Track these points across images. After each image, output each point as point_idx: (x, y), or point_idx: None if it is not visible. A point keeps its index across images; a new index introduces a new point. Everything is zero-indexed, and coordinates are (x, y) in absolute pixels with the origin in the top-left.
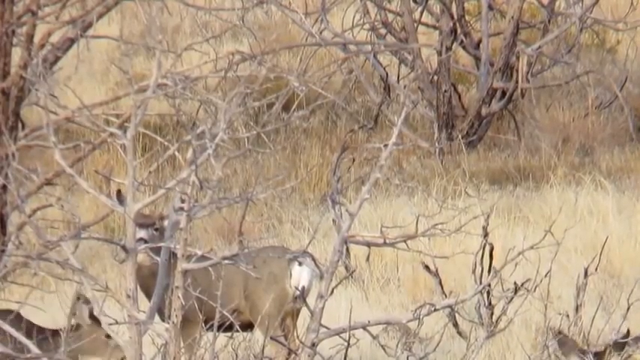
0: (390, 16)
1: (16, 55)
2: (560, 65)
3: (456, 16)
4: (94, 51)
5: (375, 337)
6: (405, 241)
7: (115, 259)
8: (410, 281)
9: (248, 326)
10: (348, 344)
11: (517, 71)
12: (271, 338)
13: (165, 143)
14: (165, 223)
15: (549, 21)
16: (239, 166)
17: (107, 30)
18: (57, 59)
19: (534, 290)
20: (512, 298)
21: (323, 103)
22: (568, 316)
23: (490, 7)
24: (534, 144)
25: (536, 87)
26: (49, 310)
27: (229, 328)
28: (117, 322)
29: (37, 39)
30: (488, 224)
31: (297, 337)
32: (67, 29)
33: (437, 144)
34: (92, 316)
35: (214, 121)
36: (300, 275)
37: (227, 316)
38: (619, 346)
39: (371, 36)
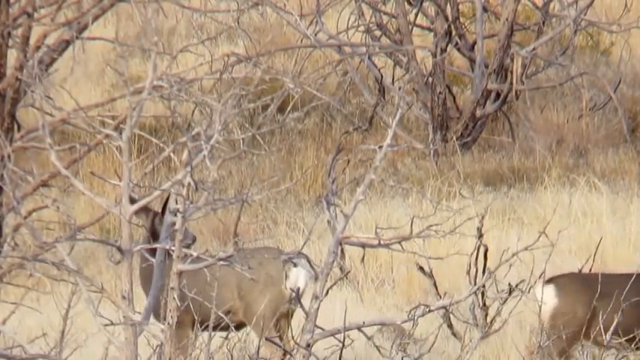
0: (385, 18)
1: (12, 56)
2: (554, 67)
3: (450, 18)
4: (89, 53)
5: (369, 338)
6: (399, 242)
7: (111, 260)
8: (404, 282)
9: (240, 326)
10: (343, 345)
11: (511, 73)
12: (266, 339)
13: (161, 145)
14: None
15: (544, 23)
16: (234, 167)
17: (103, 32)
18: (53, 61)
19: (529, 291)
20: (506, 299)
21: (318, 104)
22: None
23: (485, 9)
24: (529, 145)
25: (531, 89)
26: (45, 311)
27: (222, 328)
28: (112, 323)
29: (32, 41)
30: (482, 225)
31: (292, 337)
32: (63, 31)
33: (431, 145)
34: None
35: (209, 123)
36: (297, 277)
37: (222, 317)
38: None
39: (366, 38)
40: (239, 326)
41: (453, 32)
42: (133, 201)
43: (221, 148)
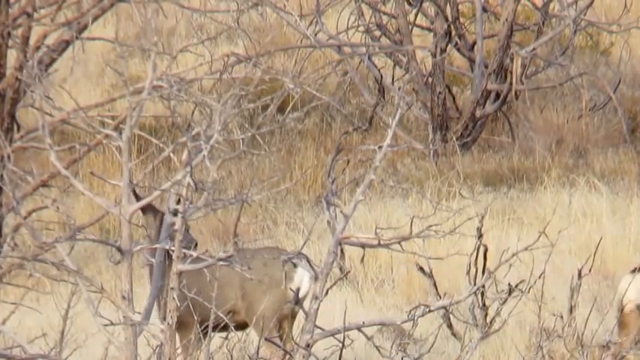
0: (385, 18)
1: (12, 57)
2: (554, 67)
3: (450, 19)
4: (89, 53)
5: (369, 338)
6: (399, 243)
7: (111, 260)
8: (404, 282)
9: (242, 326)
10: (343, 345)
11: (511, 73)
12: (266, 339)
13: (161, 145)
14: None
15: (543, 23)
16: (234, 167)
17: (102, 32)
18: (52, 61)
19: (528, 291)
20: (506, 300)
21: (318, 104)
22: (562, 317)
23: (484, 10)
24: (528, 145)
25: (531, 89)
26: (45, 311)
27: (223, 328)
28: (112, 323)
29: (32, 41)
30: (482, 225)
31: (292, 338)
32: (63, 31)
33: (431, 146)
34: None
35: (209, 123)
36: (302, 279)
37: (222, 317)
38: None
39: (366, 38)
40: (241, 326)
41: (453, 32)
42: (138, 198)
43: (221, 149)
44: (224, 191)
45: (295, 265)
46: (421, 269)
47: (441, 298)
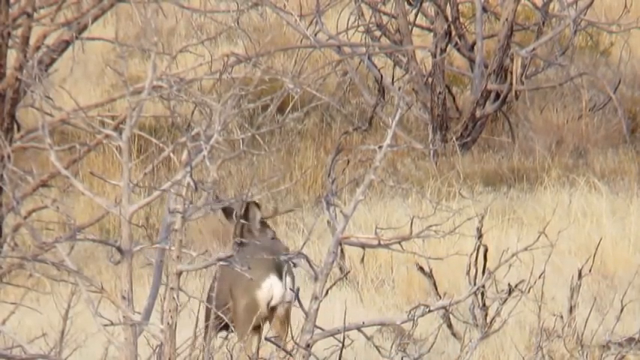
0: (385, 19)
1: (12, 57)
2: (554, 67)
3: (450, 19)
4: (89, 53)
5: (369, 338)
6: (399, 243)
7: (110, 260)
8: (404, 282)
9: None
10: (343, 345)
11: (511, 73)
12: (266, 339)
13: (161, 145)
14: None
15: (543, 23)
16: (234, 167)
17: (102, 32)
18: (52, 61)
19: (528, 291)
20: (506, 300)
21: (317, 104)
22: (562, 317)
23: (484, 10)
24: (528, 146)
25: (530, 89)
26: (45, 311)
27: (226, 327)
28: (112, 323)
29: (32, 41)
30: (482, 226)
31: (292, 338)
32: (63, 31)
33: (431, 146)
34: None
35: (209, 123)
36: (272, 289)
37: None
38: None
39: (365, 38)
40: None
41: (453, 32)
42: (227, 212)
43: (221, 149)
44: (224, 191)
45: (279, 272)
46: (421, 269)
47: (440, 298)
